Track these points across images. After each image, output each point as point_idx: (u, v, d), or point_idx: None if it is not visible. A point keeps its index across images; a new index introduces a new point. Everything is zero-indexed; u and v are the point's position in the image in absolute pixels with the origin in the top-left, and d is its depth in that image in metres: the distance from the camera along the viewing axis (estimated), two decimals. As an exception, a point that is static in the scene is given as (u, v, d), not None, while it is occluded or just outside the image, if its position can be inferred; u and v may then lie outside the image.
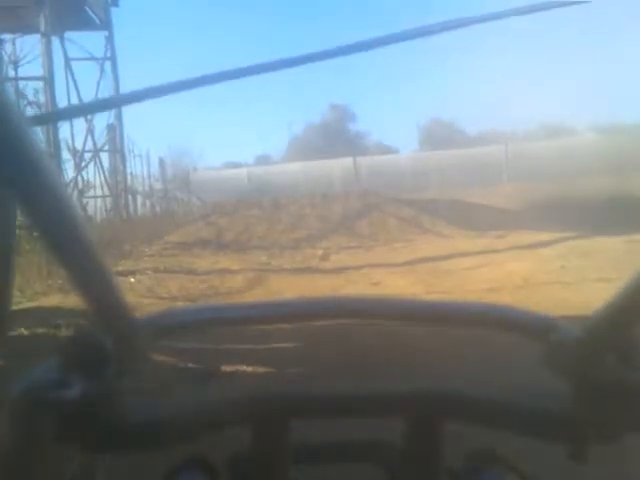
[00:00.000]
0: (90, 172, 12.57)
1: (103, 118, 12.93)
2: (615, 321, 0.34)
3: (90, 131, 12.49)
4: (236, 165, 25.46)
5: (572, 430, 0.39)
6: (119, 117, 13.15)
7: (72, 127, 11.84)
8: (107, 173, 13.28)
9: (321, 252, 9.12)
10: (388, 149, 27.53)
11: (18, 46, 10.53)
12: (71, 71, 12.44)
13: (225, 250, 9.90)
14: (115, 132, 13.11)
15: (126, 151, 13.73)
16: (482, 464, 0.45)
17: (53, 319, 4.23)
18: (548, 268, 5.99)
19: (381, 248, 9.58)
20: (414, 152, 25.71)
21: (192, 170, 20.47)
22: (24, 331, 3.98)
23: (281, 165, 22.15)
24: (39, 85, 10.19)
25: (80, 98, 12.49)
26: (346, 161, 19.25)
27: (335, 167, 19.21)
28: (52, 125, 9.01)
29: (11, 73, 10.21)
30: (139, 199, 14.95)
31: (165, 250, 9.63)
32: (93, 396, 0.35)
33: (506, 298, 4.55)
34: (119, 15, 20.13)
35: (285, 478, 0.44)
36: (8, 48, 10.40)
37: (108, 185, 13.28)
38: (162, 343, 0.42)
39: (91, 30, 12.55)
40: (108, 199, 13.30)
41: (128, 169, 13.93)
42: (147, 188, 15.57)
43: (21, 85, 10.01)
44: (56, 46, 11.22)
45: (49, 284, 6.02)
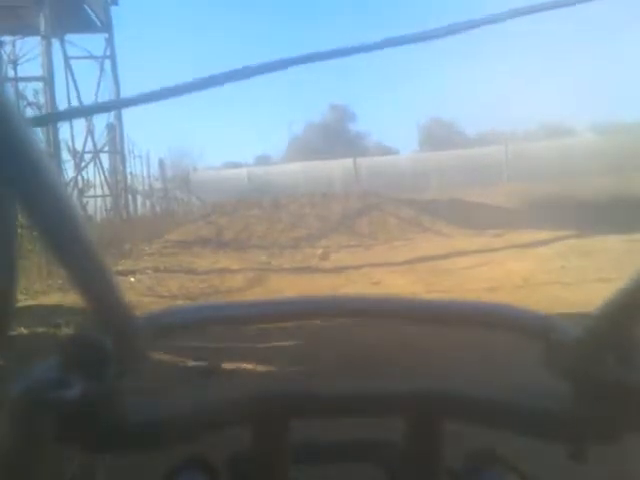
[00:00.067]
0: (90, 172, 12.58)
1: (103, 119, 12.92)
2: (615, 321, 0.34)
3: (90, 132, 12.48)
4: (236, 165, 25.52)
5: (572, 430, 0.39)
6: (119, 118, 13.14)
7: (72, 128, 11.83)
8: (107, 173, 13.28)
9: (321, 251, 9.12)
10: (388, 150, 27.60)
11: (18, 46, 10.54)
12: (71, 71, 12.45)
13: (225, 249, 9.90)
14: (115, 133, 13.10)
15: (126, 152, 13.73)
16: (482, 464, 0.45)
17: (53, 318, 4.23)
18: (548, 267, 5.99)
19: (381, 247, 9.57)
20: (414, 153, 25.78)
21: (192, 170, 20.49)
22: (24, 330, 3.98)
23: (281, 165, 22.18)
24: (39, 86, 10.19)
25: (80, 98, 12.50)
26: (346, 162, 19.27)
27: (335, 168, 19.23)
28: (52, 125, 9.01)
29: (11, 73, 10.20)
30: (139, 199, 14.95)
31: (165, 249, 9.63)
32: (93, 396, 0.35)
33: (506, 297, 4.55)
34: (119, 15, 20.17)
35: (285, 478, 0.44)
36: (8, 48, 10.40)
37: (108, 185, 13.27)
38: (162, 341, 0.42)
39: (91, 30, 12.54)
40: (108, 199, 13.29)
41: (128, 169, 13.94)
42: (147, 188, 15.57)
43: (21, 86, 10.00)
44: (56, 46, 11.24)
45: (49, 283, 6.02)
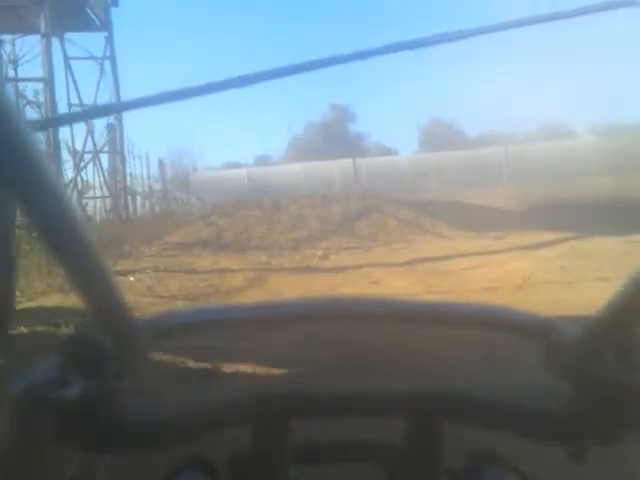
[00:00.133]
0: (89, 173, 12.59)
1: (103, 119, 12.95)
2: (615, 321, 0.34)
3: (90, 132, 12.49)
4: (236, 165, 25.50)
5: (572, 430, 0.39)
6: (119, 118, 13.14)
7: (72, 128, 11.85)
8: (107, 174, 13.28)
9: (321, 252, 9.12)
10: (388, 150, 27.58)
11: (18, 46, 10.54)
12: (71, 71, 12.47)
13: (225, 250, 9.89)
14: (115, 133, 13.11)
15: (126, 152, 13.74)
16: (482, 464, 0.45)
17: (53, 318, 4.23)
18: (548, 268, 5.99)
19: (381, 248, 9.57)
20: (414, 153, 25.76)
21: (192, 170, 20.50)
22: (24, 330, 3.98)
23: (281, 166, 22.17)
24: (39, 85, 10.19)
25: (80, 98, 12.51)
26: (346, 162, 19.27)
27: (335, 168, 19.23)
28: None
29: (11, 73, 10.21)
30: (139, 199, 14.95)
31: (165, 250, 9.63)
32: (93, 396, 0.35)
33: (506, 298, 4.55)
34: (119, 15, 20.17)
35: (285, 478, 0.44)
36: (8, 48, 10.40)
37: (107, 186, 13.28)
38: (162, 343, 0.42)
39: (91, 30, 12.55)
40: (108, 200, 13.30)
41: (128, 170, 13.95)
42: (147, 188, 15.58)
43: (21, 86, 10.01)
44: (56, 46, 11.24)
45: (49, 283, 6.02)
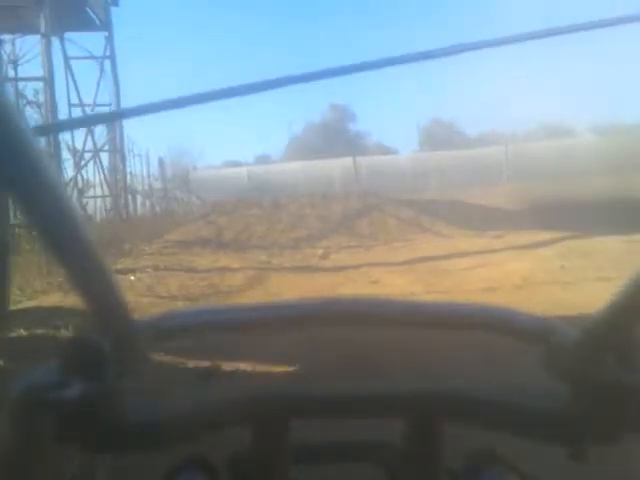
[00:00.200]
0: (90, 172, 12.59)
1: (103, 118, 12.91)
2: (614, 322, 0.34)
3: (90, 131, 12.48)
4: (236, 164, 25.49)
5: (572, 431, 0.39)
6: (119, 117, 13.13)
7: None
8: (107, 173, 13.28)
9: (321, 251, 9.12)
10: (388, 149, 27.58)
11: (18, 46, 10.53)
12: (71, 71, 12.46)
13: (225, 249, 9.89)
14: (115, 132, 13.11)
15: (126, 151, 13.74)
16: (482, 464, 0.45)
17: (53, 318, 4.23)
18: (548, 268, 5.99)
19: (381, 248, 9.57)
20: (414, 153, 25.75)
21: (192, 169, 20.49)
22: (23, 331, 3.98)
23: (281, 164, 22.14)
24: (39, 85, 10.18)
25: (80, 98, 12.51)
26: (346, 161, 19.26)
27: (335, 167, 19.22)
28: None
29: (11, 73, 10.20)
30: (139, 198, 14.95)
31: (165, 249, 9.62)
32: (93, 396, 0.35)
33: (505, 298, 4.55)
34: (119, 15, 20.16)
35: (285, 478, 0.44)
36: (7, 48, 10.39)
37: (108, 185, 13.27)
38: (162, 344, 0.42)
39: (91, 30, 12.54)
40: (108, 198, 13.29)
41: (128, 169, 13.94)
42: (147, 187, 15.57)
43: (21, 85, 10.00)
44: (56, 46, 11.23)
45: (49, 282, 6.02)
